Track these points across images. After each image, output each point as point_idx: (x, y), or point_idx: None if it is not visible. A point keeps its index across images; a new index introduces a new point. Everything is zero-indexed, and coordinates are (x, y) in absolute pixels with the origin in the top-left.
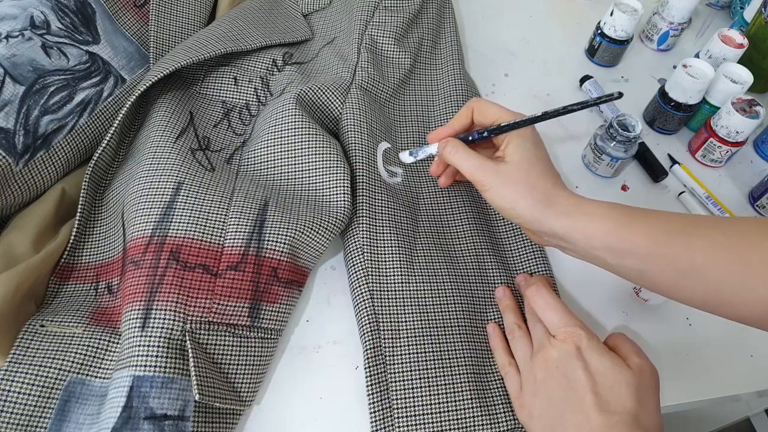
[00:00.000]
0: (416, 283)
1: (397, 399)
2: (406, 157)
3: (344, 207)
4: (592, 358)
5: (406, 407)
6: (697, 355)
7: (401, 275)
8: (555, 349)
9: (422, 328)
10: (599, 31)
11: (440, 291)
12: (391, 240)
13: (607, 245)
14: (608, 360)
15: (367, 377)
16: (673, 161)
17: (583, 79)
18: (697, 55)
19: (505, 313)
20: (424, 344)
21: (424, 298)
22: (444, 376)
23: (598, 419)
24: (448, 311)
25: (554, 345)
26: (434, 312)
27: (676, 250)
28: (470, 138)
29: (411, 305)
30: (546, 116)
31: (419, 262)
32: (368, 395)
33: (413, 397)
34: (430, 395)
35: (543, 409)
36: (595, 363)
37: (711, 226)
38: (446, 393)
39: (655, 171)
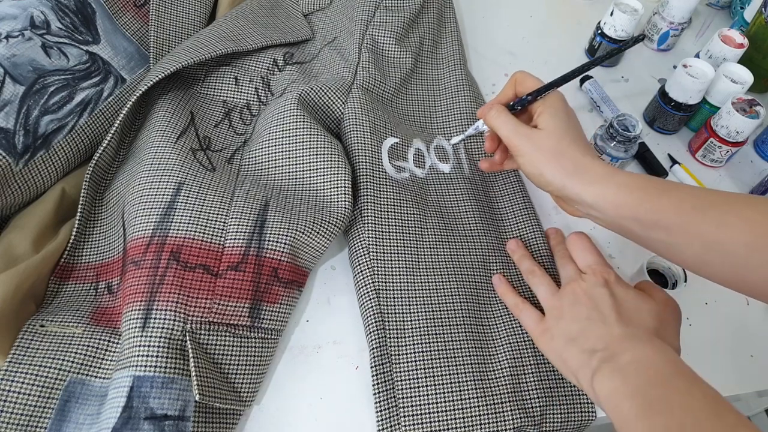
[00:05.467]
0: (422, 283)
1: (403, 398)
2: (458, 137)
3: (345, 208)
4: (618, 290)
5: (412, 406)
6: (697, 355)
7: (408, 275)
8: (585, 282)
9: (428, 327)
10: (599, 31)
11: (446, 290)
12: (397, 241)
13: (636, 216)
14: (633, 292)
15: (373, 376)
16: (674, 161)
17: (583, 80)
18: (697, 55)
19: (522, 261)
20: (429, 343)
21: (430, 297)
22: (450, 375)
23: (619, 329)
24: (454, 310)
25: (584, 278)
26: (440, 311)
27: (704, 224)
28: (512, 105)
29: (417, 304)
30: (573, 75)
31: (425, 261)
32: (374, 394)
33: (419, 396)
34: (436, 394)
35: (566, 327)
36: (621, 293)
37: (745, 204)
38: (452, 392)
39: (655, 171)
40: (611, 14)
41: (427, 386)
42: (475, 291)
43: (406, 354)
